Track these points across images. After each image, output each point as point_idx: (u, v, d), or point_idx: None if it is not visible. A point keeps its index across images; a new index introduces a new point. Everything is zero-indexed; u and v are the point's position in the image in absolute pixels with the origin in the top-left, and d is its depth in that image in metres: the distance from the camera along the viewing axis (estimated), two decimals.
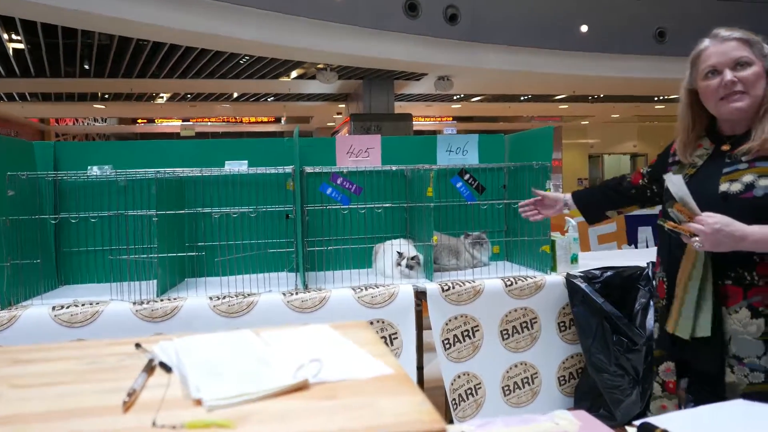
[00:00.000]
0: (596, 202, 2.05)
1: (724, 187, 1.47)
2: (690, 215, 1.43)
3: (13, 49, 9.06)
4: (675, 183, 1.46)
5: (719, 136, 1.59)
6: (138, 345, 0.99)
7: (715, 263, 1.48)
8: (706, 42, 1.57)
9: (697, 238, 1.40)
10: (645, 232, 4.94)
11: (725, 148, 1.54)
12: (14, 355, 0.98)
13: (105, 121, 18.61)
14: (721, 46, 1.52)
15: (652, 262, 2.43)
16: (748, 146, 1.47)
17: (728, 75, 1.49)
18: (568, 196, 2.12)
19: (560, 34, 9.41)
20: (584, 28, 9.58)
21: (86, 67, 10.14)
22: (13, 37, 8.50)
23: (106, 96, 13.41)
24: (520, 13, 9.10)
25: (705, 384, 1.58)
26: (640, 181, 1.91)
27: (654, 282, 1.74)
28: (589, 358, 2.36)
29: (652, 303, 2.31)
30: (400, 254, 2.47)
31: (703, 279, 1.49)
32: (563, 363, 2.51)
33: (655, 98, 14.67)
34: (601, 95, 14.37)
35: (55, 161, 2.55)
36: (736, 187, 1.45)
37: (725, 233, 1.37)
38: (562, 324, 2.49)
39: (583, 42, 9.59)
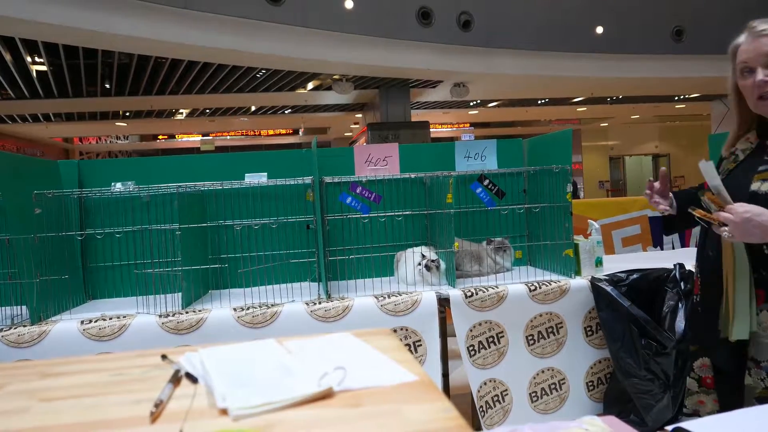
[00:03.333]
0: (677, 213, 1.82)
1: (755, 186, 1.43)
2: (721, 204, 1.39)
3: (37, 71, 9.29)
4: (708, 171, 1.41)
5: (766, 131, 1.53)
6: (164, 356, 1.00)
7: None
8: (742, 37, 1.51)
9: (726, 228, 1.36)
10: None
11: None
12: (43, 368, 0.99)
13: (127, 139, 18.95)
14: (754, 42, 1.45)
15: (680, 264, 2.39)
16: None
17: (760, 74, 1.44)
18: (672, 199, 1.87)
19: (575, 36, 9.35)
20: (600, 30, 9.50)
21: (107, 86, 10.36)
22: (36, 59, 8.72)
23: (128, 114, 13.66)
24: (534, 17, 9.07)
25: (727, 384, 1.54)
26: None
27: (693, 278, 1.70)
28: (618, 362, 2.32)
29: (680, 305, 2.27)
30: (423, 256, 2.47)
31: (747, 276, 1.44)
32: (591, 368, 2.47)
33: (675, 98, 14.47)
34: (620, 96, 14.22)
35: (79, 179, 2.60)
36: (766, 186, 1.41)
37: (755, 223, 1.32)
38: (588, 328, 2.45)
39: (599, 43, 9.52)
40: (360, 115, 14.42)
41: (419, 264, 2.45)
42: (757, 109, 1.49)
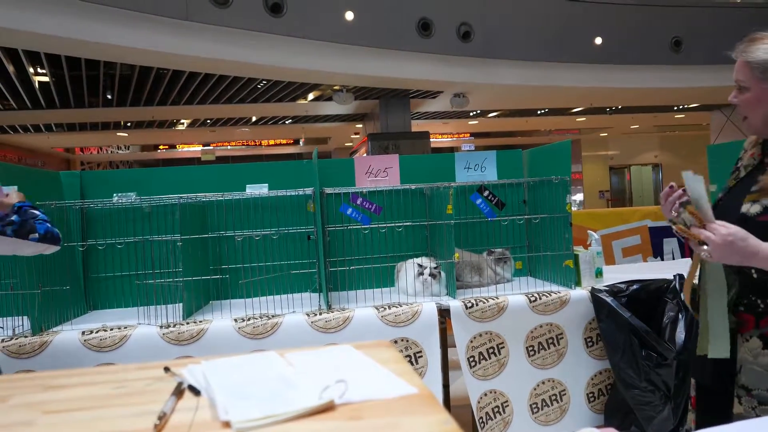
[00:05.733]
0: None
1: (745, 207, 1.40)
2: (702, 220, 1.33)
3: (39, 82, 9.34)
4: (693, 182, 1.34)
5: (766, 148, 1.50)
6: (167, 369, 1.00)
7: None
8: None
9: (705, 247, 1.30)
10: (671, 244, 4.85)
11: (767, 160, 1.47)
12: (45, 381, 1.00)
13: (128, 149, 18.99)
14: (737, 64, 1.46)
15: (680, 274, 2.39)
16: (762, 183, 1.39)
17: (732, 97, 1.46)
18: None
19: (575, 46, 9.40)
20: (599, 40, 9.56)
21: (109, 96, 10.41)
22: (39, 70, 8.77)
23: (129, 124, 13.70)
24: (533, 27, 9.12)
25: (709, 403, 1.53)
26: None
27: None
28: (618, 373, 2.32)
29: (680, 316, 2.27)
30: (421, 266, 2.48)
31: (723, 295, 1.40)
32: (592, 379, 2.47)
33: (675, 107, 14.52)
34: (619, 106, 14.26)
35: (81, 190, 2.61)
36: (755, 209, 1.38)
37: (737, 248, 1.27)
38: (589, 339, 2.45)
39: (598, 54, 9.57)
40: (360, 126, 14.46)
41: (421, 273, 2.46)
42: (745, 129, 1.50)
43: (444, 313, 2.33)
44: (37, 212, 1.78)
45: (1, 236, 1.64)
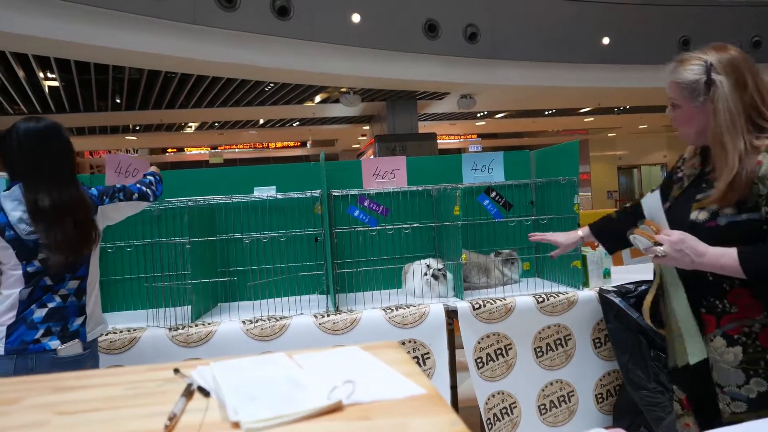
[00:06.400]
0: (615, 230, 1.98)
1: (693, 215, 1.48)
2: (658, 228, 1.48)
3: (49, 86, 9.43)
4: (650, 200, 1.55)
5: (706, 157, 1.59)
6: (176, 370, 1.01)
7: (688, 293, 1.51)
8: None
9: (660, 248, 1.42)
10: None
11: (708, 169, 1.56)
12: (57, 383, 1.01)
13: (137, 152, 19.11)
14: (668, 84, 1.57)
15: None
16: (712, 198, 1.48)
17: (667, 110, 1.59)
18: (586, 230, 2.10)
19: (581, 47, 9.38)
20: (606, 40, 9.53)
21: (118, 100, 10.49)
22: (49, 75, 8.85)
23: (137, 127, 13.80)
24: (540, 28, 9.10)
25: (699, 405, 1.59)
26: None
27: None
28: (627, 374, 2.31)
29: None
30: (428, 266, 2.48)
31: (683, 296, 1.53)
32: (600, 380, 2.46)
33: None
34: (627, 106, 14.21)
35: None
36: (703, 215, 1.46)
37: (688, 245, 1.39)
38: (597, 340, 2.44)
39: (605, 54, 9.54)
40: (367, 128, 14.48)
41: (425, 274, 2.46)
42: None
43: (451, 315, 2.33)
44: (147, 178, 2.20)
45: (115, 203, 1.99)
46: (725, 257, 1.38)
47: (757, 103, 1.42)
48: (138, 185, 2.11)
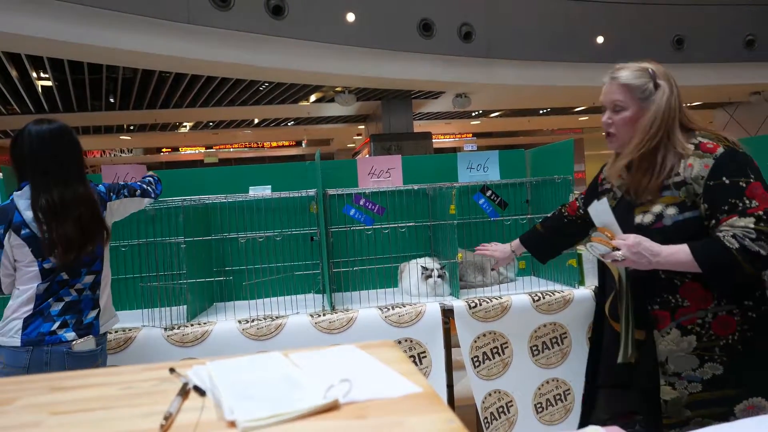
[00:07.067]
0: (546, 242, 2.16)
1: (638, 219, 1.58)
2: (613, 235, 1.57)
3: (42, 86, 9.37)
4: (598, 209, 1.60)
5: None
6: (172, 369, 1.01)
7: (640, 291, 1.60)
8: (605, 78, 1.70)
9: (619, 252, 1.51)
10: None
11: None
12: (53, 382, 1.01)
13: (131, 152, 19.05)
14: (609, 86, 1.66)
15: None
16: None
17: (605, 116, 1.68)
18: (516, 242, 2.23)
19: (576, 46, 9.39)
20: (600, 39, 9.55)
21: (112, 100, 10.44)
22: (42, 75, 8.80)
23: (132, 127, 13.74)
24: (534, 27, 9.11)
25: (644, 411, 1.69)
26: (578, 211, 2.02)
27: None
28: None
29: None
30: (425, 268, 2.48)
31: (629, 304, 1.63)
32: None
33: None
34: None
35: None
36: (648, 218, 1.57)
37: (644, 248, 1.49)
38: None
39: (599, 53, 9.55)
40: (363, 127, 14.47)
41: (429, 276, 2.46)
42: (608, 146, 1.69)
43: (448, 314, 2.34)
44: (147, 179, 2.27)
45: (120, 200, 2.04)
46: (679, 254, 1.48)
47: (683, 107, 1.62)
48: (139, 183, 2.16)
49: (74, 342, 1.83)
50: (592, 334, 1.92)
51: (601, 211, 1.61)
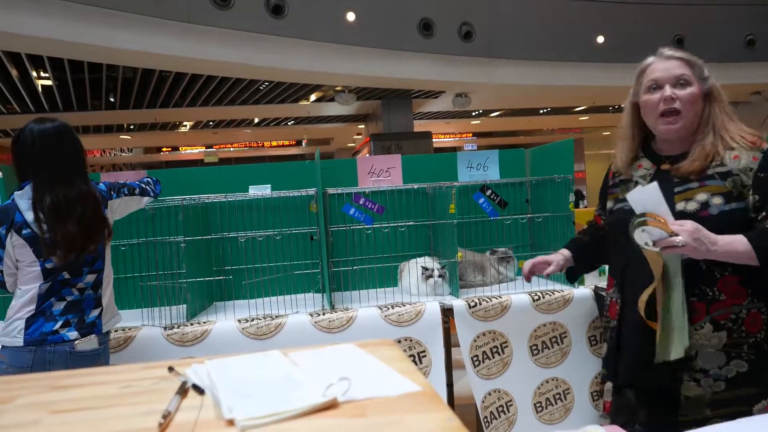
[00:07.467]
0: (589, 249, 1.96)
1: (680, 206, 1.50)
2: (666, 222, 1.43)
3: (42, 86, 9.37)
4: (645, 194, 1.46)
5: (657, 156, 1.63)
6: (171, 368, 1.01)
7: (689, 281, 1.51)
8: (651, 58, 1.65)
9: (679, 238, 1.40)
10: None
11: (665, 167, 1.59)
12: (52, 381, 1.01)
13: (131, 151, 19.04)
14: (666, 63, 1.59)
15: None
16: (684, 169, 1.53)
17: (668, 90, 1.56)
18: (568, 253, 1.99)
19: (576, 45, 9.39)
20: (601, 39, 9.54)
21: (112, 99, 10.43)
22: (42, 74, 8.79)
23: (132, 127, 13.73)
24: (534, 27, 9.11)
25: (657, 413, 1.61)
26: (602, 221, 1.88)
27: (606, 302, 1.76)
28: None
29: None
30: (425, 268, 2.48)
31: (681, 288, 1.51)
32: (596, 378, 2.47)
33: None
34: (622, 105, 14.20)
35: None
36: (692, 206, 1.49)
37: (703, 234, 1.40)
38: (593, 338, 2.45)
39: (600, 53, 9.54)
40: (363, 126, 14.46)
41: (431, 276, 2.45)
42: (657, 126, 1.59)
43: (447, 313, 2.33)
44: (146, 179, 2.28)
45: (120, 198, 2.06)
46: (736, 243, 1.41)
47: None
48: (137, 182, 2.18)
49: (77, 341, 1.83)
50: (610, 335, 1.74)
51: (648, 195, 1.46)
